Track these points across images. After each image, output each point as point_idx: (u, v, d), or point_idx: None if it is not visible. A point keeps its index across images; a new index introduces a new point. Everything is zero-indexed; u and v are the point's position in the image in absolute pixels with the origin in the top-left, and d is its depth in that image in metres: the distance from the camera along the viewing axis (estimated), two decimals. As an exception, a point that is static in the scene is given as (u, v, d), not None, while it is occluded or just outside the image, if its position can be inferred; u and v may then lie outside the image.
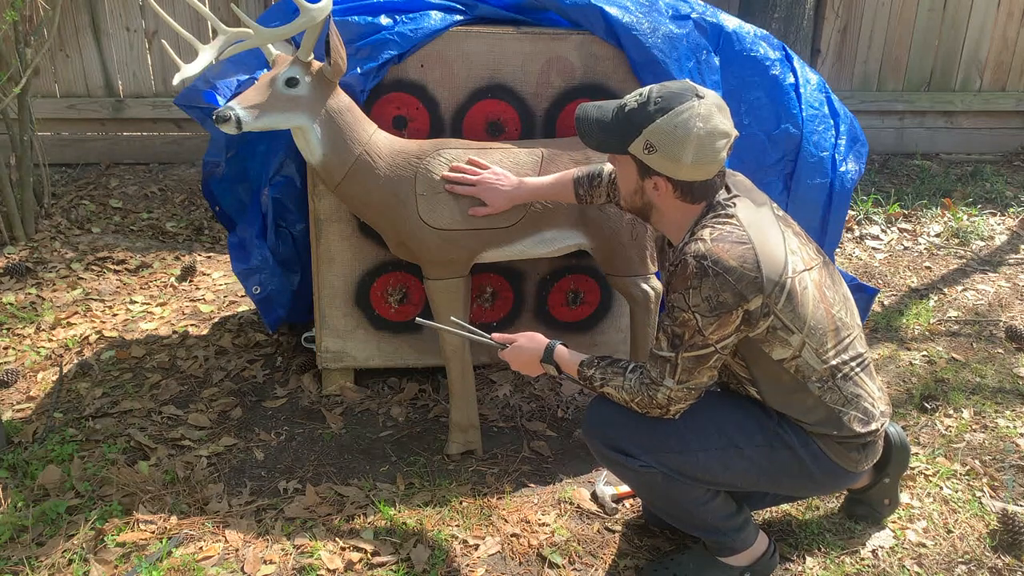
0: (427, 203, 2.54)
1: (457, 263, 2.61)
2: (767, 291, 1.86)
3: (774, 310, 1.89)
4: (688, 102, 1.86)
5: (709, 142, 1.86)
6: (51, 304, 3.74)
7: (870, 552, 2.34)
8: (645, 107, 1.89)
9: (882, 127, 5.79)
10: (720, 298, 1.85)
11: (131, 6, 5.19)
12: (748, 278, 1.85)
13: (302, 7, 2.26)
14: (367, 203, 2.55)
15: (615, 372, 2.05)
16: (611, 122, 1.96)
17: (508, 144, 2.64)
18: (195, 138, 5.37)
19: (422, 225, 2.54)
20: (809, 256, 1.99)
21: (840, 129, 2.88)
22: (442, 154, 2.56)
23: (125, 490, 2.54)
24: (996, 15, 5.63)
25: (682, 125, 1.85)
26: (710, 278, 1.85)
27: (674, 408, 2.00)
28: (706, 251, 1.86)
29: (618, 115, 1.95)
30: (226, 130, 2.29)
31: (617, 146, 1.96)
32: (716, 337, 1.90)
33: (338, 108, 2.44)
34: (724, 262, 1.85)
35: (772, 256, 1.88)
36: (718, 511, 2.12)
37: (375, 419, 2.97)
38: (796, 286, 1.91)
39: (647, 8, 2.74)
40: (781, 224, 1.99)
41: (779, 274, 1.88)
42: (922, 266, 4.27)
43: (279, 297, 3.11)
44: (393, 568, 2.26)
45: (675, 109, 1.86)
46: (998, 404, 3.04)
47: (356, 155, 2.48)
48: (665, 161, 1.89)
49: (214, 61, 2.43)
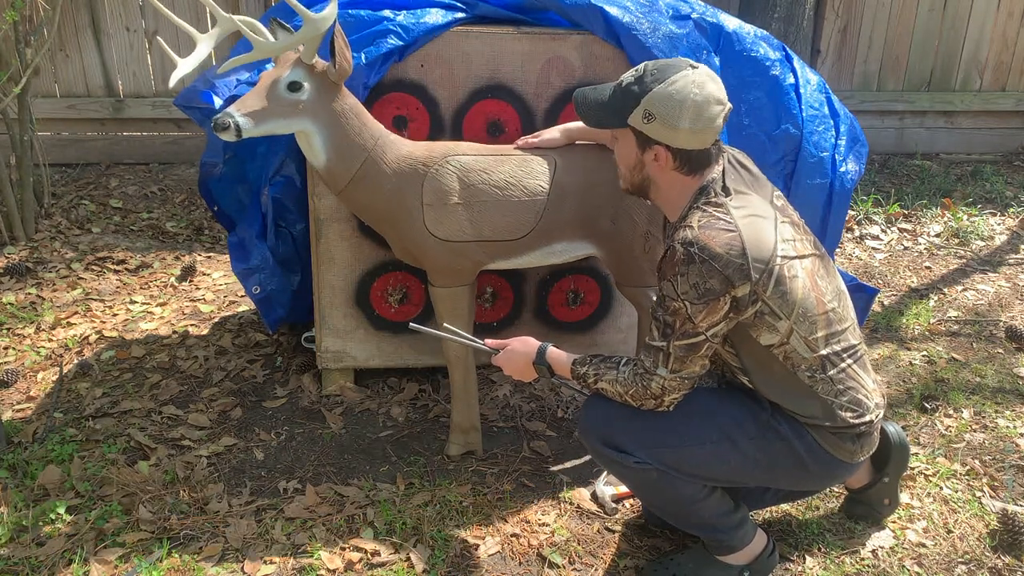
0: (434, 213, 2.47)
1: (463, 272, 2.56)
2: (754, 278, 1.88)
3: (762, 297, 1.91)
4: (683, 71, 1.94)
5: (705, 108, 1.91)
6: (51, 304, 3.74)
7: (870, 552, 2.34)
8: (642, 80, 1.96)
9: (882, 127, 5.79)
10: (707, 285, 1.87)
11: (131, 6, 5.19)
12: (734, 264, 1.87)
13: (306, 17, 2.17)
14: (372, 209, 2.48)
15: (608, 367, 2.06)
16: (609, 99, 2.03)
17: (519, 152, 2.56)
18: (195, 138, 5.37)
19: (428, 236, 2.47)
20: (803, 246, 2.01)
21: (840, 129, 2.88)
22: (451, 162, 2.47)
23: (125, 490, 2.54)
24: (996, 15, 5.63)
25: (678, 92, 1.91)
26: (696, 264, 1.87)
27: (668, 398, 2.00)
28: (693, 238, 1.89)
29: (616, 91, 2.02)
30: (225, 138, 2.21)
31: (616, 120, 2.02)
32: (706, 324, 1.91)
33: (343, 111, 2.35)
34: (710, 249, 1.87)
35: (759, 243, 1.90)
36: (714, 508, 2.12)
37: (375, 419, 2.97)
38: (785, 272, 1.93)
39: (647, 8, 2.74)
40: (778, 213, 2.00)
41: (766, 261, 1.90)
42: (922, 266, 4.27)
43: (279, 297, 3.11)
44: (393, 568, 2.26)
45: (671, 78, 1.93)
46: (998, 404, 3.04)
47: (361, 161, 2.39)
48: (663, 128, 1.94)
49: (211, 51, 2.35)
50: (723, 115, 1.95)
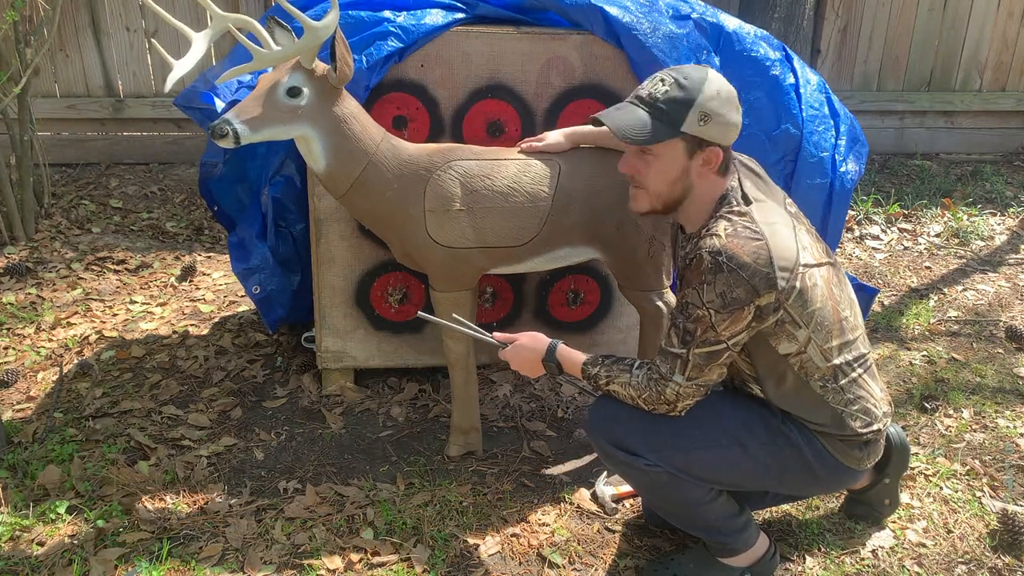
0: (436, 219, 2.44)
1: (465, 277, 2.54)
2: (779, 287, 1.88)
3: (784, 305, 1.91)
4: (704, 71, 1.94)
5: (736, 101, 1.96)
6: (51, 304, 3.74)
7: (870, 552, 2.34)
8: (681, 86, 1.90)
9: (882, 127, 5.79)
10: (733, 294, 1.86)
11: (131, 6, 5.18)
12: (761, 274, 1.86)
13: (307, 26, 2.12)
14: (373, 214, 2.45)
15: (621, 369, 2.05)
16: (653, 114, 1.92)
17: (522, 156, 2.53)
18: (195, 138, 5.37)
19: (430, 242, 2.45)
20: (819, 253, 2.01)
21: (840, 129, 2.88)
22: (453, 167, 2.44)
23: (125, 490, 2.54)
24: (996, 15, 5.63)
25: (723, 89, 1.92)
26: (724, 273, 1.86)
27: (681, 404, 2.00)
28: (721, 247, 1.87)
29: (657, 106, 1.92)
30: (224, 145, 2.17)
31: (668, 132, 1.92)
32: (728, 333, 1.91)
33: (343, 116, 2.31)
34: (738, 258, 1.86)
35: (784, 252, 1.90)
36: (720, 511, 2.12)
37: (375, 419, 2.97)
38: (807, 282, 1.93)
39: (647, 8, 2.73)
40: (794, 220, 2.00)
41: (791, 270, 1.89)
42: (922, 266, 4.27)
43: (279, 297, 3.11)
44: (393, 568, 2.26)
45: (708, 78, 1.92)
46: (998, 404, 3.04)
47: (363, 166, 2.35)
48: (720, 127, 1.93)
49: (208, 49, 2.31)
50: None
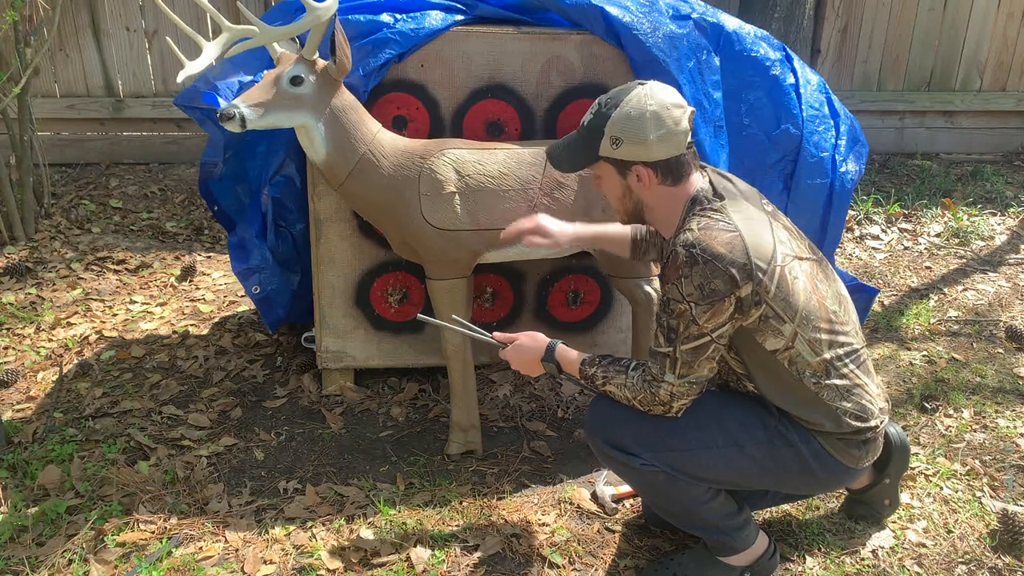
0: (431, 203, 2.53)
1: (460, 263, 2.61)
2: (756, 277, 1.89)
3: (765, 298, 1.92)
4: (633, 91, 1.99)
5: (664, 114, 1.95)
6: (51, 304, 3.74)
7: (870, 552, 2.34)
8: (599, 112, 2.01)
9: (882, 127, 5.79)
10: (712, 285, 1.88)
11: (131, 6, 5.19)
12: (737, 264, 1.88)
13: (308, 6, 2.27)
14: (371, 202, 2.55)
15: (617, 370, 2.06)
16: (575, 141, 2.08)
17: (512, 145, 2.64)
18: (195, 138, 5.37)
19: (425, 225, 2.54)
20: (800, 248, 2.02)
21: (840, 129, 2.88)
22: (446, 154, 2.55)
23: (125, 490, 2.54)
24: (996, 15, 5.63)
25: (634, 108, 1.96)
26: (700, 265, 1.88)
27: (677, 404, 2.00)
28: (694, 240, 1.90)
29: (580, 133, 2.07)
30: (230, 128, 2.29)
31: (587, 156, 2.06)
32: (711, 326, 1.92)
33: (342, 107, 2.44)
34: (712, 249, 1.88)
35: (760, 243, 1.92)
36: (719, 510, 2.12)
37: (375, 419, 2.97)
38: (787, 274, 1.94)
39: (647, 8, 2.74)
40: (770, 218, 2.02)
41: (767, 260, 1.91)
42: (922, 266, 4.27)
43: (279, 297, 3.11)
44: (393, 568, 2.26)
45: (624, 100, 1.98)
46: (998, 404, 3.04)
47: (360, 154, 2.48)
48: (633, 147, 1.97)
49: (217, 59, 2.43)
50: (687, 117, 1.98)
